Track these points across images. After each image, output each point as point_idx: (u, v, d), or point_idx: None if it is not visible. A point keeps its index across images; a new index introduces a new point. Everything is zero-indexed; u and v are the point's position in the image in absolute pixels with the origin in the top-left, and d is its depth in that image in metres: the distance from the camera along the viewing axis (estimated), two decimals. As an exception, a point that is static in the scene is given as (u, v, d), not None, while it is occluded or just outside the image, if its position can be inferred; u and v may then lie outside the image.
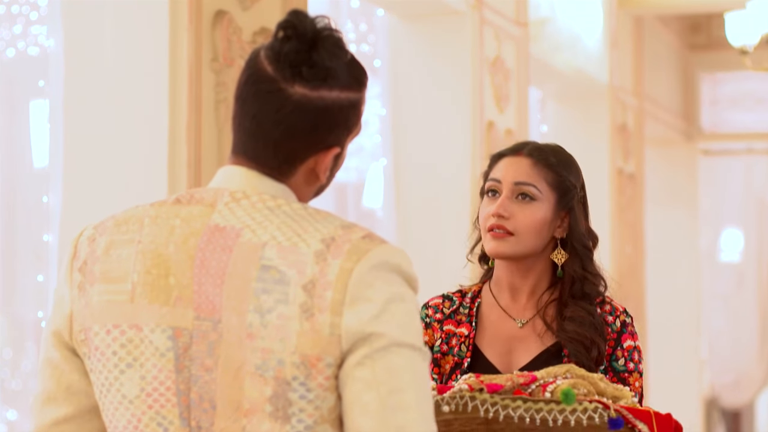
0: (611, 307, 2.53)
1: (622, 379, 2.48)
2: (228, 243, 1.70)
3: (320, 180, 1.78)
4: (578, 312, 2.46)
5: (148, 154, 3.41)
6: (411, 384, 1.65)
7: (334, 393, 1.66)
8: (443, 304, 2.57)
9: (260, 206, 1.73)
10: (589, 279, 2.50)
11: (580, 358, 2.42)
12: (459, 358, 2.50)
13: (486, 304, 2.56)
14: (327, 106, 1.73)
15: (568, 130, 7.95)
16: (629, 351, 2.50)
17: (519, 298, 2.54)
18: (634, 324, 2.54)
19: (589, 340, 2.43)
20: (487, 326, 2.53)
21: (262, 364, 1.65)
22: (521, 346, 2.50)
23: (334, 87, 1.73)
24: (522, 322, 2.52)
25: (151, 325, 1.71)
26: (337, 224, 1.71)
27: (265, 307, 1.66)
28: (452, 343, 2.52)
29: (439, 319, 2.55)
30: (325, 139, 1.75)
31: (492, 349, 2.50)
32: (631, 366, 2.49)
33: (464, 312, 2.55)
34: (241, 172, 1.77)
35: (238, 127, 1.77)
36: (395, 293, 1.67)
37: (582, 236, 2.50)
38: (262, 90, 1.72)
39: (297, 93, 1.72)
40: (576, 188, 2.52)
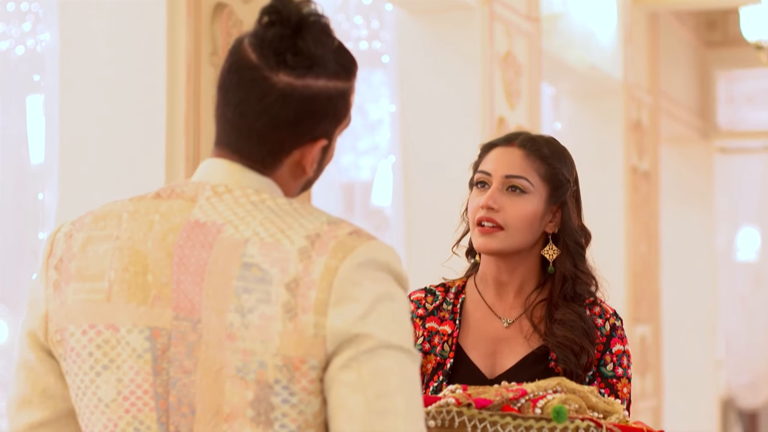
0: (601, 309, 2.43)
1: (609, 385, 2.38)
2: (208, 239, 1.62)
3: (307, 173, 1.70)
4: (568, 315, 2.36)
5: (146, 151, 3.34)
6: (400, 388, 1.57)
7: (318, 397, 1.58)
8: (425, 299, 2.47)
9: (243, 201, 1.65)
10: (581, 278, 2.40)
11: (569, 365, 2.32)
12: (441, 359, 2.40)
13: (470, 300, 2.46)
14: (313, 95, 1.65)
15: (581, 127, 7.87)
16: (618, 356, 2.40)
17: (505, 296, 2.44)
18: (623, 327, 2.44)
19: (578, 346, 2.34)
20: (471, 324, 2.43)
21: (243, 367, 1.58)
22: (506, 347, 2.40)
23: (321, 75, 1.65)
24: (508, 322, 2.42)
25: (128, 325, 1.64)
26: (323, 220, 1.63)
27: (246, 306, 1.58)
28: (434, 342, 2.42)
29: (421, 315, 2.45)
30: (312, 130, 1.67)
31: (476, 349, 2.40)
32: (620, 371, 2.39)
33: (447, 308, 2.45)
34: (224, 165, 1.69)
35: (220, 118, 1.69)
36: (383, 292, 1.59)
37: (574, 232, 2.41)
38: (245, 78, 1.65)
39: (281, 81, 1.64)
40: (569, 182, 2.43)
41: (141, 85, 3.36)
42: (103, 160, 3.40)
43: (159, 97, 3.32)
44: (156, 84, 3.33)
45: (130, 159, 3.37)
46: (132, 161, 3.37)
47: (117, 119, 3.40)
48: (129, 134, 3.38)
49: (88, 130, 3.42)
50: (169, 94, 3.32)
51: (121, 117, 3.39)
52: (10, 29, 3.59)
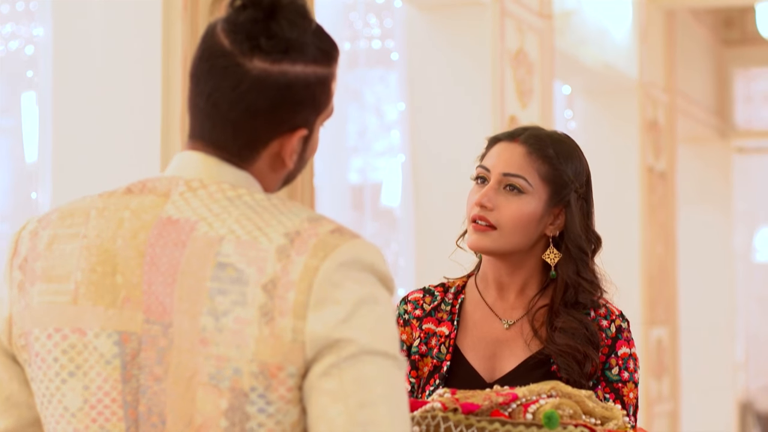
0: (606, 310, 2.32)
1: (615, 389, 2.26)
2: (181, 237, 1.52)
3: (287, 166, 1.60)
4: (570, 323, 2.25)
5: (141, 149, 3.25)
6: (384, 397, 1.47)
7: (297, 406, 1.48)
8: (423, 299, 2.37)
9: (219, 196, 1.55)
10: (583, 286, 2.28)
11: (572, 375, 2.21)
12: (438, 361, 2.29)
13: (470, 300, 2.36)
14: (290, 81, 1.55)
15: (596, 127, 7.76)
16: (624, 359, 2.28)
17: (506, 296, 2.33)
18: (630, 329, 2.33)
19: (581, 354, 2.22)
20: (470, 326, 2.33)
21: (217, 374, 1.48)
22: (507, 350, 2.29)
23: (298, 60, 1.55)
24: (509, 323, 2.31)
25: (95, 329, 1.54)
26: (304, 217, 1.53)
27: (220, 309, 1.48)
28: (431, 344, 2.31)
29: (418, 316, 2.34)
30: (290, 119, 1.57)
31: (474, 352, 2.30)
32: (626, 375, 2.28)
33: (446, 309, 2.34)
34: (199, 158, 1.59)
35: (193, 109, 1.60)
36: (367, 294, 1.49)
37: (577, 237, 2.29)
38: (217, 66, 1.55)
39: (256, 68, 1.54)
40: (574, 183, 2.30)
41: (136, 81, 3.27)
42: (97, 159, 3.31)
43: (154, 93, 3.23)
44: (151, 80, 3.24)
45: (125, 157, 3.28)
46: (127, 159, 3.28)
47: (112, 116, 3.31)
48: (124, 132, 3.29)
49: (82, 127, 3.33)
50: (164, 90, 3.23)
51: (116, 114, 3.30)
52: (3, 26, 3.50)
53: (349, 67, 5.53)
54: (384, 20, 5.71)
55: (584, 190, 2.33)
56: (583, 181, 2.33)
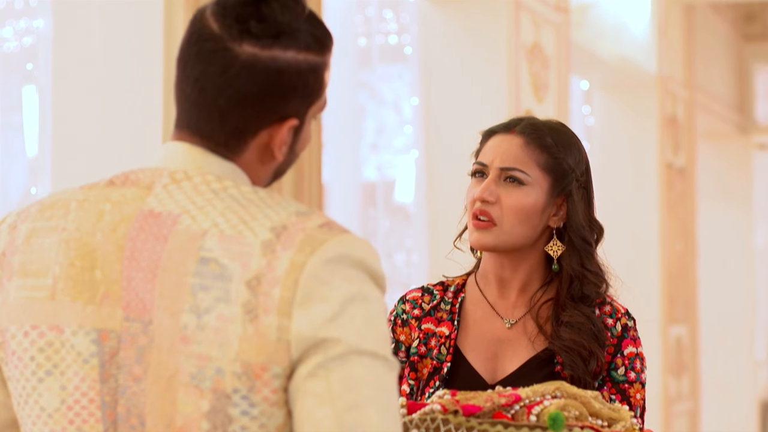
0: (612, 308, 2.24)
1: (621, 390, 2.19)
2: (163, 231, 1.46)
3: (276, 158, 1.53)
4: (576, 317, 2.17)
5: (141, 143, 3.19)
6: (373, 399, 1.40)
7: (282, 408, 1.42)
8: (422, 298, 2.28)
9: (203, 189, 1.49)
10: (588, 278, 2.21)
11: (576, 371, 2.13)
12: (438, 362, 2.21)
13: (471, 299, 2.28)
14: (281, 68, 1.49)
15: (614, 122, 7.69)
16: (630, 359, 2.20)
17: (508, 294, 2.25)
18: (636, 328, 2.24)
19: (587, 350, 2.14)
20: (471, 325, 2.25)
21: (198, 374, 1.41)
22: (509, 350, 2.21)
23: (290, 47, 1.49)
24: (511, 322, 2.24)
25: (73, 326, 1.47)
26: (292, 210, 1.46)
27: (202, 306, 1.42)
28: (431, 344, 2.23)
29: (417, 316, 2.26)
30: (280, 108, 1.50)
31: (476, 352, 2.22)
32: (633, 376, 2.20)
33: (445, 308, 2.27)
34: (184, 148, 1.53)
35: (179, 95, 1.53)
36: (356, 292, 1.42)
37: (580, 227, 2.22)
38: (205, 50, 1.49)
39: (245, 52, 1.48)
40: (575, 172, 2.23)
41: (137, 73, 3.22)
42: (98, 153, 3.25)
43: (155, 86, 3.18)
44: (152, 73, 3.19)
45: (126, 151, 3.22)
46: (128, 153, 3.22)
47: (112, 110, 3.25)
48: (125, 126, 3.24)
49: (82, 121, 3.28)
50: (165, 83, 3.18)
51: (116, 108, 3.25)
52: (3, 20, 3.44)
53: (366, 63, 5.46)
54: (401, 15, 5.64)
55: (584, 178, 2.26)
56: (583, 169, 2.26)
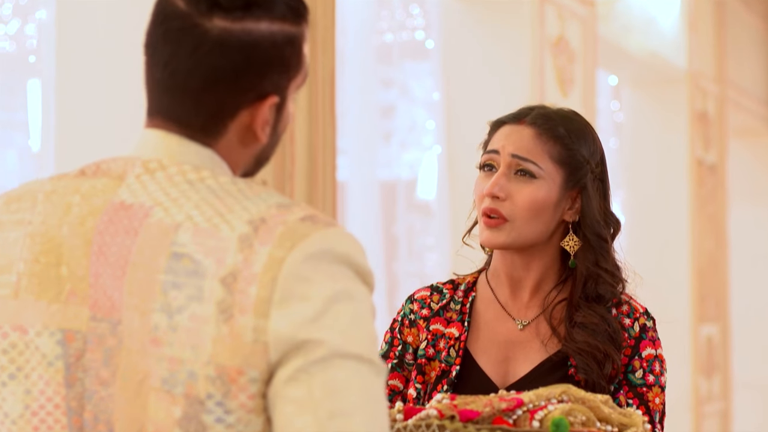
0: (630, 308, 2.11)
1: (639, 394, 2.06)
2: (133, 224, 1.36)
3: (259, 139, 1.42)
4: (590, 317, 2.05)
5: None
6: (358, 406, 1.29)
7: (261, 416, 1.31)
8: (431, 297, 2.17)
9: (178, 179, 1.38)
10: (604, 278, 2.08)
11: (591, 375, 2.01)
12: (447, 365, 2.10)
13: (482, 299, 2.16)
14: (255, 41, 1.39)
15: (643, 118, 7.56)
16: (649, 361, 2.08)
17: (521, 294, 2.13)
18: (656, 328, 2.12)
19: (602, 353, 2.02)
20: (482, 326, 2.13)
21: (170, 378, 1.31)
22: (521, 352, 2.09)
23: (262, 18, 1.39)
24: (523, 324, 2.12)
25: (37, 326, 1.38)
26: (272, 202, 1.36)
27: (174, 305, 1.31)
28: (440, 346, 2.12)
29: (425, 316, 2.15)
30: (258, 84, 1.40)
31: (486, 355, 2.10)
32: (651, 379, 2.07)
33: (455, 308, 2.15)
34: (159, 136, 1.42)
35: (149, 81, 1.43)
36: (341, 290, 1.31)
37: (595, 223, 2.09)
38: (172, 29, 1.39)
39: (215, 27, 1.38)
40: (589, 164, 2.11)
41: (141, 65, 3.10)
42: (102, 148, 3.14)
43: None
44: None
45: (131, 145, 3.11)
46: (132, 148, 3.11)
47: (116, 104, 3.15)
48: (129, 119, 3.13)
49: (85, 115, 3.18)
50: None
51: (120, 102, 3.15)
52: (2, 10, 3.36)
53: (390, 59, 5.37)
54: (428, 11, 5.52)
55: (600, 169, 2.13)
56: (597, 160, 2.13)
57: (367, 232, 4.81)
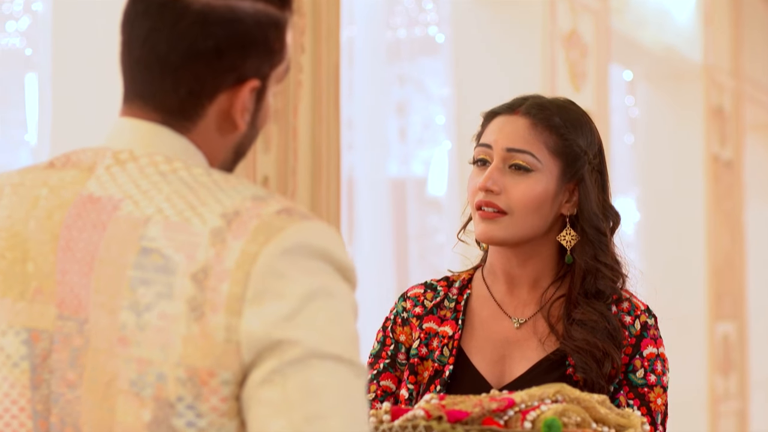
0: (630, 305, 2.03)
1: (640, 395, 1.98)
2: (101, 218, 1.30)
3: (238, 126, 1.36)
4: (590, 314, 1.97)
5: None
6: (336, 409, 1.22)
7: (234, 419, 1.25)
8: (424, 294, 2.09)
9: (150, 171, 1.32)
10: (603, 272, 2.01)
11: (590, 374, 1.94)
12: (440, 365, 2.02)
13: (477, 296, 2.08)
14: (238, 18, 1.33)
15: (658, 114, 7.47)
16: (650, 360, 2.00)
17: (518, 292, 2.06)
18: (658, 326, 2.04)
19: (601, 351, 1.95)
20: (477, 325, 2.06)
21: (138, 380, 1.25)
22: (517, 351, 2.02)
23: None
24: (520, 322, 2.04)
25: (2, 325, 1.32)
26: (248, 195, 1.29)
27: (142, 303, 1.25)
28: (433, 345, 2.04)
29: (418, 314, 2.07)
30: (239, 65, 1.34)
31: (481, 354, 2.03)
32: (653, 379, 1.99)
33: (449, 306, 2.07)
34: (132, 125, 1.36)
35: (126, 61, 1.37)
36: (319, 287, 1.25)
37: (593, 216, 2.01)
38: (153, 4, 1.33)
39: (197, 2, 1.33)
40: (587, 155, 2.03)
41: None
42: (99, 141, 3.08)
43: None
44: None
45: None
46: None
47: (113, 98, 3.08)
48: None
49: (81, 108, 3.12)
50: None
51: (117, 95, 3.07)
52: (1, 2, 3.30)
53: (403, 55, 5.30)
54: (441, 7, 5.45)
55: (597, 160, 2.06)
56: (595, 151, 2.06)
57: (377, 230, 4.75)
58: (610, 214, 2.04)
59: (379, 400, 2.02)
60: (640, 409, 1.95)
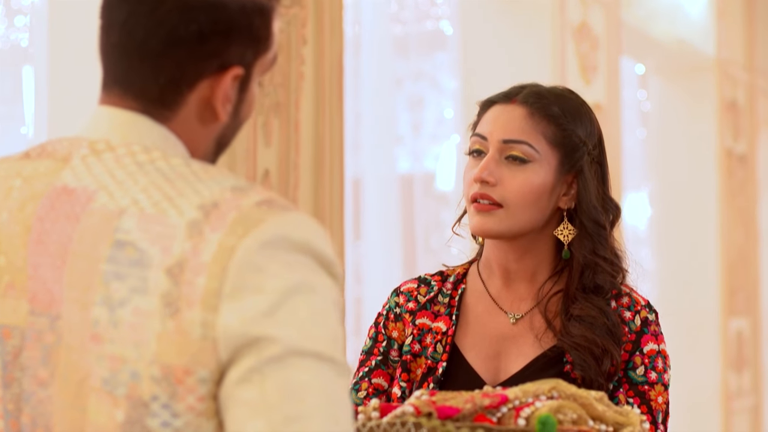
0: (630, 300, 1.97)
1: (640, 393, 1.92)
2: (75, 209, 1.25)
3: (219, 116, 1.31)
4: (587, 310, 1.91)
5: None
6: (317, 409, 1.17)
7: (212, 420, 1.20)
8: (418, 289, 2.03)
9: (127, 161, 1.27)
10: (602, 266, 1.95)
11: (588, 372, 1.88)
12: (433, 362, 1.96)
13: (472, 291, 2.02)
14: (222, 3, 1.29)
15: (670, 107, 7.41)
16: (651, 357, 1.94)
17: (514, 286, 2.00)
18: (659, 322, 1.98)
19: (600, 348, 1.89)
20: (472, 321, 2.00)
21: (111, 378, 1.20)
22: (513, 348, 1.96)
23: None
24: (516, 317, 1.98)
25: None
26: (227, 185, 1.24)
27: (116, 298, 1.20)
28: (426, 342, 1.98)
29: (411, 310, 2.01)
30: (221, 52, 1.29)
31: (476, 351, 1.97)
32: (653, 376, 1.93)
33: (443, 301, 2.01)
34: (109, 114, 1.31)
35: (104, 47, 1.33)
36: (299, 281, 1.20)
37: (592, 209, 1.96)
38: None
39: None
40: (586, 145, 1.97)
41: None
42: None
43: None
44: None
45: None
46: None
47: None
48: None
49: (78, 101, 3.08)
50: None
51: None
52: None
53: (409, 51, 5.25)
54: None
55: (597, 151, 2.00)
56: (595, 142, 2.00)
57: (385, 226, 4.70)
58: (609, 206, 1.99)
59: (371, 398, 1.96)
60: (640, 408, 1.89)
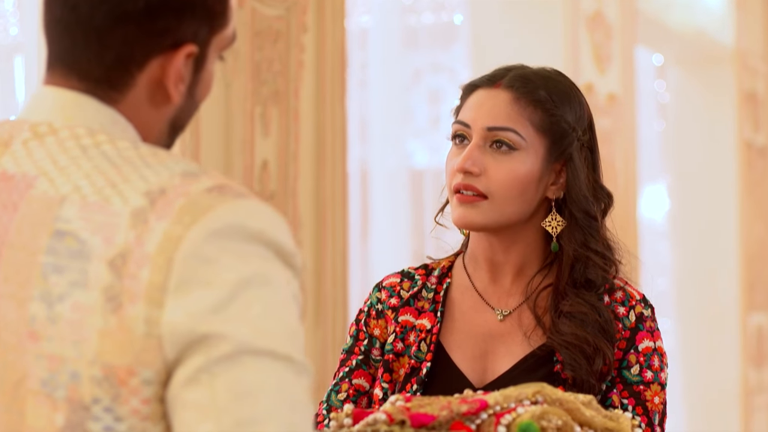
0: (624, 294, 1.86)
1: (635, 393, 1.81)
2: (13, 197, 1.16)
3: (171, 98, 1.22)
4: (579, 306, 1.80)
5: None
6: (272, 412, 1.08)
7: (158, 424, 1.11)
8: (401, 284, 1.93)
9: (70, 145, 1.18)
10: (593, 260, 1.84)
11: (579, 371, 1.77)
12: (417, 361, 1.85)
13: (457, 286, 1.92)
14: None
15: (688, 99, 7.31)
16: (647, 355, 1.83)
17: (501, 281, 1.89)
18: (655, 317, 1.87)
19: (592, 346, 1.78)
20: (458, 317, 1.89)
21: (50, 379, 1.11)
22: (501, 346, 1.85)
23: None
24: (504, 314, 1.88)
25: None
26: (177, 171, 1.15)
27: (54, 292, 1.12)
28: (409, 340, 1.88)
29: (393, 306, 1.91)
30: (173, 28, 1.20)
31: (462, 349, 1.86)
32: (649, 375, 1.82)
33: (428, 297, 1.91)
34: (53, 95, 1.23)
35: (49, 24, 1.25)
36: (254, 273, 1.11)
37: (582, 198, 1.85)
38: None
39: None
40: (576, 131, 1.86)
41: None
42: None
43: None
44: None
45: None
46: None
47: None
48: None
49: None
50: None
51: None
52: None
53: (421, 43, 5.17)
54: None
55: (587, 137, 1.89)
56: (585, 127, 1.89)
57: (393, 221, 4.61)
58: (601, 195, 1.88)
59: (352, 400, 1.86)
60: (635, 409, 1.78)
